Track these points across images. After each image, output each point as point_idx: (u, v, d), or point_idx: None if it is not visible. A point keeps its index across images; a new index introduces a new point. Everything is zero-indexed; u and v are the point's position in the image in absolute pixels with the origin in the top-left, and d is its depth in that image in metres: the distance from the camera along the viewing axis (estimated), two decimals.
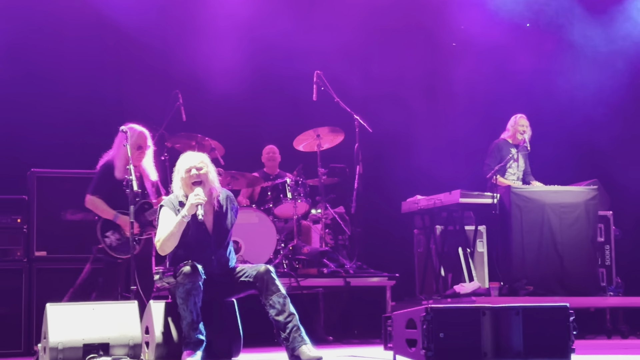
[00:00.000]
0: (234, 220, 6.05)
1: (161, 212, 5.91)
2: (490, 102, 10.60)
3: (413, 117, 10.52)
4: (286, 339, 5.66)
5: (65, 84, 9.39)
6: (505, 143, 9.20)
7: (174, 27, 9.93)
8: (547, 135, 9.96)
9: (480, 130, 10.25)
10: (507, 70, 10.57)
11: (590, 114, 10.47)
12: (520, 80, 10.51)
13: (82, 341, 5.65)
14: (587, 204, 8.64)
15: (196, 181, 5.86)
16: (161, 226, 5.84)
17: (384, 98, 10.48)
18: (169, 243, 5.76)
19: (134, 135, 6.92)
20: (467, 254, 9.16)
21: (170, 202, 5.91)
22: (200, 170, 5.88)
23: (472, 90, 10.67)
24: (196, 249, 5.85)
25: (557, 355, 4.57)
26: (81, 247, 7.53)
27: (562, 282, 8.49)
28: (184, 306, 5.65)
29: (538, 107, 10.14)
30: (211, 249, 5.89)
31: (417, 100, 10.59)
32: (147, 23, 9.64)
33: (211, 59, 9.87)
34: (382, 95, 10.49)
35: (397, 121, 10.28)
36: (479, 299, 8.10)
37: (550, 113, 10.35)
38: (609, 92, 10.38)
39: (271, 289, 5.73)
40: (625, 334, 8.64)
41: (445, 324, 4.41)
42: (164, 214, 5.87)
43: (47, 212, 7.54)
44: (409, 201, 9.38)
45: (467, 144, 10.53)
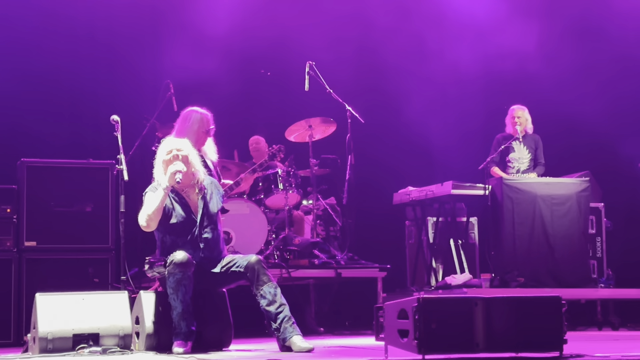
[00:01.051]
0: (220, 205, 6.04)
1: (145, 198, 5.89)
2: (483, 92, 10.59)
3: (405, 108, 10.50)
4: (277, 329, 5.65)
5: (57, 74, 9.35)
6: (505, 137, 9.18)
7: (165, 17, 9.89)
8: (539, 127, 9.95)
9: (473, 121, 10.25)
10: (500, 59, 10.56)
11: (582, 105, 10.47)
12: (513, 69, 10.50)
13: (71, 331, 5.63)
14: (579, 196, 8.64)
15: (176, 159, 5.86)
16: (145, 205, 5.83)
17: (377, 88, 10.46)
18: (154, 217, 5.75)
19: (202, 120, 6.86)
20: (458, 246, 9.16)
21: (154, 188, 5.90)
22: (180, 151, 5.88)
23: (464, 80, 10.66)
24: (183, 233, 5.84)
25: (549, 346, 4.56)
26: (71, 238, 7.49)
27: (553, 274, 8.49)
28: (174, 296, 5.64)
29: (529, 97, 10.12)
30: (198, 233, 5.87)
31: (410, 90, 10.57)
32: (138, 13, 9.61)
33: (202, 49, 9.85)
34: (374, 86, 10.47)
35: (389, 112, 10.26)
36: (470, 290, 8.10)
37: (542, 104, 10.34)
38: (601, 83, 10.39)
39: (262, 279, 5.73)
40: (615, 325, 8.65)
41: (438, 315, 4.40)
42: (148, 197, 5.85)
43: (37, 202, 7.49)
44: (400, 192, 9.37)
45: (460, 135, 10.52)
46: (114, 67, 9.65)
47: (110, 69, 9.63)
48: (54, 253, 7.46)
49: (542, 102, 10.33)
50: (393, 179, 9.98)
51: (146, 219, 5.77)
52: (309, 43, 9.96)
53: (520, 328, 4.52)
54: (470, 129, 10.44)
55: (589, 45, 10.58)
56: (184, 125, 6.93)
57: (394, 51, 10.60)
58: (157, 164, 5.95)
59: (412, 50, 10.69)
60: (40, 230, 7.46)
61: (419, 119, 10.65)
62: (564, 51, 10.58)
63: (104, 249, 7.57)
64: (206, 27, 9.85)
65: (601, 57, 10.44)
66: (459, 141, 10.55)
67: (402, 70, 10.59)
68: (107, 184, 7.62)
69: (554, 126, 10.44)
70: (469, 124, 10.47)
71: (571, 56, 10.49)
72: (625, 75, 10.41)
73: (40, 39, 9.33)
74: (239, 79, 10.02)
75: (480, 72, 10.68)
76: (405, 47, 10.65)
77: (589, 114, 10.43)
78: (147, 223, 5.78)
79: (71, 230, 7.50)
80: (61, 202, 7.53)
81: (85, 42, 9.53)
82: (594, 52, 10.52)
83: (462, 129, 10.55)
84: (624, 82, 10.44)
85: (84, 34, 9.55)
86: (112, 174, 7.55)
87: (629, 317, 9.02)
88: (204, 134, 6.88)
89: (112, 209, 7.58)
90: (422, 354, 4.33)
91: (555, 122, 10.45)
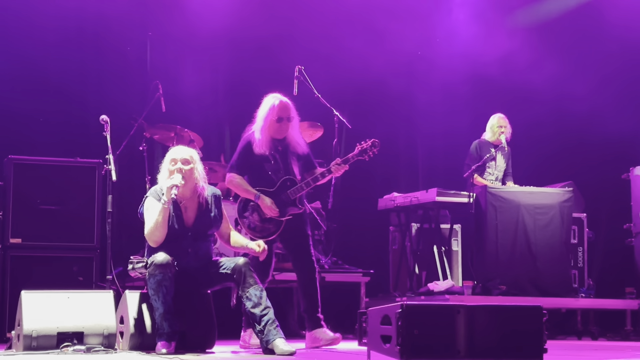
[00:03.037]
0: (219, 218, 6.04)
1: (146, 202, 5.92)
2: (469, 99, 10.64)
3: (392, 115, 10.55)
4: (261, 331, 5.69)
5: (45, 72, 9.34)
6: (485, 143, 9.24)
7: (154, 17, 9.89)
8: (523, 136, 10.02)
9: (459, 128, 10.30)
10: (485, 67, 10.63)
11: (566, 115, 10.55)
12: (497, 78, 10.56)
13: (56, 329, 5.64)
14: (562, 206, 8.72)
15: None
16: (147, 216, 5.85)
17: (364, 94, 10.49)
18: (157, 232, 5.78)
19: (273, 107, 6.46)
20: (441, 253, 9.21)
21: (155, 192, 5.93)
22: (186, 164, 5.89)
23: (451, 87, 10.71)
24: (172, 240, 5.85)
25: (529, 354, 4.61)
26: (57, 236, 7.50)
27: (534, 283, 8.55)
28: (155, 297, 5.67)
29: (514, 106, 10.19)
30: (187, 242, 5.90)
31: (396, 97, 10.62)
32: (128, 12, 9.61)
33: (191, 50, 9.87)
34: (362, 92, 10.50)
35: (377, 118, 10.30)
36: (453, 297, 8.16)
37: (526, 113, 10.41)
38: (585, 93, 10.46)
39: (248, 281, 5.77)
40: (595, 335, 8.73)
41: (420, 321, 4.44)
42: (149, 204, 5.89)
43: (24, 199, 7.49)
44: (385, 198, 9.43)
45: (446, 142, 10.57)
46: (103, 66, 9.63)
47: (99, 68, 9.61)
48: (39, 251, 7.46)
49: (527, 111, 10.40)
50: (378, 184, 10.03)
51: (149, 236, 5.79)
52: (298, 46, 9.98)
53: (502, 336, 4.57)
54: (456, 136, 10.50)
55: (575, 53, 10.65)
56: (259, 111, 6.54)
57: (381, 57, 10.63)
58: (163, 169, 5.96)
59: (399, 57, 10.73)
60: (25, 227, 7.45)
61: (405, 125, 10.71)
62: (549, 59, 10.64)
63: (89, 248, 7.57)
64: (195, 28, 9.87)
65: (586, 66, 10.51)
66: (444, 148, 10.60)
67: (389, 76, 10.62)
68: (94, 183, 7.62)
69: (538, 136, 10.53)
70: (454, 131, 10.52)
71: (556, 65, 10.56)
72: (609, 84, 10.49)
73: (29, 36, 9.31)
74: (226, 81, 10.04)
75: (466, 79, 10.73)
76: (391, 53, 10.69)
77: (573, 124, 10.51)
78: (150, 238, 5.80)
79: (57, 228, 7.50)
80: (47, 200, 7.52)
81: (74, 40, 9.52)
82: (579, 60, 10.59)
83: (448, 136, 10.60)
84: (608, 92, 10.51)
85: (73, 32, 9.53)
86: (99, 173, 7.56)
87: (609, 327, 9.09)
88: (275, 122, 6.45)
89: (98, 208, 7.58)
90: (404, 359, 4.38)
91: (539, 131, 10.52)
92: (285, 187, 6.48)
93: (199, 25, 9.87)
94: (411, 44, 10.78)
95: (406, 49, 10.75)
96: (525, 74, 10.54)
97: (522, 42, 10.62)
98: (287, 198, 6.47)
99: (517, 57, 10.50)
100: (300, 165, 6.59)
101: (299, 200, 6.51)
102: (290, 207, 6.48)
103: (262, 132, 6.47)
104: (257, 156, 6.47)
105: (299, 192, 6.48)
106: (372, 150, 6.61)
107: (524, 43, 10.62)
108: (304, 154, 6.63)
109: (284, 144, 6.53)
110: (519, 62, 10.53)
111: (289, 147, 6.55)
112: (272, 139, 6.47)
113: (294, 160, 6.56)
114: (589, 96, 10.44)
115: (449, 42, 10.75)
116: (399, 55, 10.64)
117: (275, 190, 6.47)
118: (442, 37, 10.80)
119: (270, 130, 6.46)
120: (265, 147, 6.44)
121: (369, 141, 6.63)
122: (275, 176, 6.45)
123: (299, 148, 6.59)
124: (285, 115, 6.48)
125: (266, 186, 6.45)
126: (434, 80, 10.66)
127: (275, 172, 6.45)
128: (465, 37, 10.63)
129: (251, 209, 6.49)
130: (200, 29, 9.87)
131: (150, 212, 5.84)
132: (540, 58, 10.65)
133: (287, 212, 6.47)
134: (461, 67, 10.68)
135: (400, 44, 10.67)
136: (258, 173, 6.50)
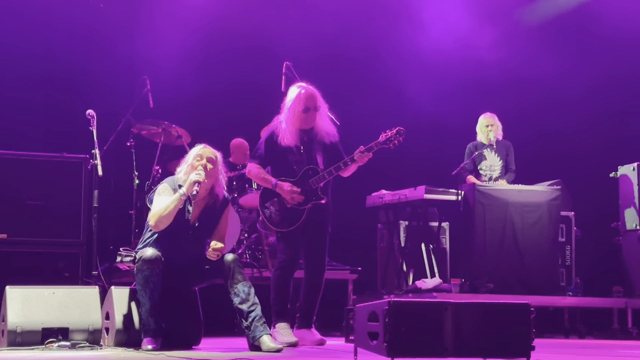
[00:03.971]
0: (224, 224, 5.99)
1: (160, 187, 5.86)
2: (459, 97, 10.64)
3: (380, 111, 10.53)
4: (248, 327, 5.67)
5: (31, 68, 9.30)
6: (476, 145, 9.24)
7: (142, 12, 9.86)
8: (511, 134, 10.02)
9: (448, 126, 10.30)
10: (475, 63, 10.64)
11: (556, 113, 10.57)
12: (489, 76, 10.57)
13: (41, 325, 5.62)
14: (550, 204, 8.72)
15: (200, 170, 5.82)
16: (157, 201, 5.79)
17: (352, 91, 10.48)
18: (163, 219, 5.73)
19: (299, 97, 6.28)
20: (429, 250, 9.21)
21: (172, 182, 5.90)
22: (211, 163, 5.85)
23: (439, 85, 10.71)
24: (171, 232, 5.80)
25: (517, 352, 4.59)
26: (42, 231, 7.45)
27: (522, 281, 8.56)
28: (142, 292, 5.64)
29: (503, 103, 10.19)
30: (186, 238, 5.87)
31: (385, 93, 10.61)
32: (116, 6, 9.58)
33: (180, 48, 9.83)
34: (349, 88, 10.49)
35: (365, 114, 10.29)
36: (440, 295, 8.15)
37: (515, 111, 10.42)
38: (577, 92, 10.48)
39: (237, 277, 5.75)
40: (582, 333, 8.74)
41: (408, 318, 4.42)
42: (162, 189, 5.84)
43: (9, 194, 7.43)
44: (373, 195, 9.42)
45: (434, 139, 10.57)
46: (90, 62, 9.59)
47: (86, 64, 9.57)
48: (25, 246, 7.40)
49: (516, 109, 10.40)
50: (367, 182, 10.00)
51: (156, 220, 5.73)
52: (287, 43, 9.97)
53: (489, 334, 4.55)
54: (445, 134, 10.50)
55: (567, 52, 10.67)
56: (286, 101, 6.39)
57: (370, 55, 10.64)
58: (184, 164, 5.91)
59: (387, 55, 10.73)
60: (11, 222, 7.38)
61: (393, 123, 10.67)
62: (540, 59, 10.66)
63: (75, 244, 7.51)
64: (183, 25, 9.84)
65: (579, 66, 10.53)
66: (433, 146, 10.60)
67: (378, 74, 10.62)
68: (80, 178, 7.56)
69: (527, 134, 10.53)
70: (443, 129, 10.52)
71: (547, 64, 10.57)
72: (601, 85, 10.51)
73: (15, 31, 9.26)
74: (215, 77, 10.01)
75: (456, 77, 10.74)
76: (381, 51, 10.69)
77: (562, 123, 10.53)
78: (155, 223, 5.74)
79: (43, 223, 7.43)
80: (33, 195, 7.46)
81: (61, 34, 9.48)
82: (571, 59, 10.61)
83: (436, 133, 10.60)
84: (599, 93, 10.53)
85: (61, 26, 9.50)
86: (85, 168, 7.50)
87: (596, 325, 9.11)
88: (302, 112, 6.27)
89: (84, 203, 7.53)
90: (392, 356, 4.35)
91: (528, 130, 10.53)
92: (307, 177, 6.30)
93: (188, 21, 9.84)
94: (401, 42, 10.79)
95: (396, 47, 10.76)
96: (516, 72, 10.55)
97: (515, 39, 10.64)
98: (309, 187, 6.29)
99: (508, 54, 10.52)
100: (326, 155, 6.40)
101: (321, 190, 6.31)
102: (313, 196, 6.30)
103: (289, 123, 6.30)
104: (281, 147, 6.30)
105: (321, 181, 6.27)
106: (397, 139, 6.41)
107: (516, 40, 10.64)
108: (332, 143, 6.44)
109: (311, 134, 6.37)
110: (510, 59, 10.55)
111: (316, 137, 6.38)
112: (299, 129, 6.31)
113: (318, 151, 6.38)
114: (578, 94, 10.47)
115: (441, 40, 10.73)
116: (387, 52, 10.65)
117: (297, 180, 6.30)
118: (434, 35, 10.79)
119: (297, 121, 6.29)
120: (290, 138, 6.27)
121: (394, 129, 6.44)
122: (298, 167, 6.29)
123: (327, 138, 6.41)
124: (312, 105, 6.31)
125: (288, 177, 6.29)
126: (422, 77, 10.66)
127: (299, 163, 6.29)
128: (457, 29, 10.62)
129: (271, 200, 6.34)
130: (189, 25, 9.84)
131: (162, 197, 5.79)
132: (532, 56, 10.67)
133: (309, 202, 6.29)
134: (452, 64, 10.68)
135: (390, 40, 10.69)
136: (281, 164, 6.33)
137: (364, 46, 10.62)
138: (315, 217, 6.32)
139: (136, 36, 9.80)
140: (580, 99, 10.50)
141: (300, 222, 6.28)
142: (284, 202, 6.29)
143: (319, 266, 6.44)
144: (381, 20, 10.83)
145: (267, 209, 6.36)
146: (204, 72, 9.97)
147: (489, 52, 10.46)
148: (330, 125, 6.48)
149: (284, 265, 6.39)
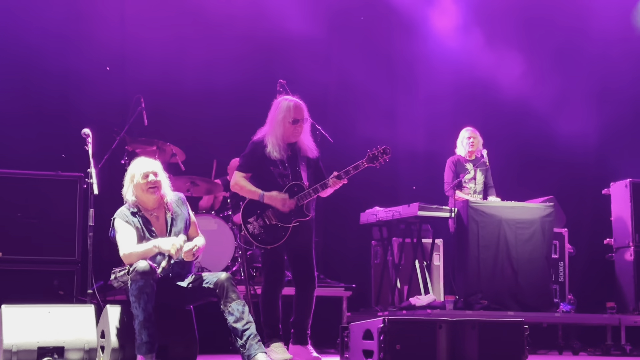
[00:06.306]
0: (190, 218, 6.00)
1: (115, 224, 5.85)
2: (452, 114, 10.68)
3: (374, 129, 10.56)
4: (243, 346, 5.66)
5: (27, 85, 9.32)
6: (458, 159, 9.29)
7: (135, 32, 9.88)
8: (503, 151, 10.07)
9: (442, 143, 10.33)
10: (468, 80, 10.68)
11: (548, 130, 10.61)
12: (481, 92, 10.61)
13: (36, 344, 5.62)
14: (543, 221, 8.74)
15: (152, 187, 5.84)
16: (120, 240, 5.79)
17: (345, 108, 10.52)
18: (135, 260, 5.72)
19: (289, 109, 6.26)
20: (423, 267, 9.23)
21: (122, 214, 5.87)
22: (157, 176, 5.88)
23: (433, 102, 10.75)
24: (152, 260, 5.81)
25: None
26: (37, 249, 7.45)
27: (516, 297, 8.57)
28: (136, 304, 5.60)
29: (496, 121, 10.24)
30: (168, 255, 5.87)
31: (379, 112, 10.64)
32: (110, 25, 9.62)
33: (172, 64, 9.87)
34: (342, 105, 10.53)
35: (358, 131, 10.32)
36: (434, 311, 8.16)
37: (506, 128, 10.47)
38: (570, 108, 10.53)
39: (231, 296, 5.74)
40: (576, 350, 8.75)
41: (402, 336, 4.45)
42: (119, 226, 5.82)
43: (4, 212, 7.44)
44: (367, 212, 9.44)
45: (428, 156, 10.60)
46: (84, 80, 9.60)
47: (79, 81, 9.59)
48: (20, 264, 7.41)
49: (508, 125, 10.45)
50: (360, 199, 10.03)
51: (128, 258, 5.72)
52: (285, 59, 10.01)
53: (483, 351, 4.58)
54: (439, 151, 10.53)
55: (562, 70, 10.73)
56: (272, 114, 6.35)
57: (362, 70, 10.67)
58: (128, 185, 5.92)
59: (380, 70, 10.77)
60: (6, 241, 7.40)
61: (386, 140, 10.68)
62: (533, 75, 10.71)
63: (70, 262, 7.51)
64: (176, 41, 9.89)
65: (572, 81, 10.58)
66: (426, 162, 10.63)
67: (370, 89, 10.65)
68: (75, 196, 7.57)
69: (520, 150, 10.57)
70: (437, 145, 10.55)
71: (539, 81, 10.62)
72: (594, 101, 10.56)
73: (9, 48, 9.29)
74: (209, 95, 10.03)
75: (449, 93, 10.78)
76: (374, 66, 10.73)
77: (555, 139, 10.57)
78: (128, 261, 5.73)
79: (37, 241, 7.45)
80: (28, 214, 7.47)
81: (55, 52, 9.50)
82: (565, 76, 10.67)
83: (430, 150, 10.62)
84: (593, 108, 10.59)
85: (55, 43, 9.51)
86: (80, 186, 7.52)
87: (590, 342, 9.12)
88: (290, 124, 6.25)
89: (79, 221, 7.54)
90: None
91: (520, 146, 10.57)
92: (292, 193, 6.27)
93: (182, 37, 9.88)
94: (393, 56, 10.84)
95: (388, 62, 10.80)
96: (509, 89, 10.60)
97: (507, 57, 10.69)
98: (295, 204, 6.27)
99: (501, 71, 10.57)
100: (309, 171, 6.40)
101: (306, 207, 6.30)
102: (298, 213, 6.27)
103: (276, 135, 6.29)
104: (266, 159, 6.29)
105: (306, 199, 6.26)
106: (382, 158, 6.35)
107: (508, 58, 10.70)
108: (314, 158, 6.45)
109: (295, 148, 6.36)
110: (502, 77, 10.60)
111: (299, 151, 6.38)
112: (284, 142, 6.30)
113: (303, 166, 6.37)
114: (572, 112, 10.51)
115: (434, 55, 10.79)
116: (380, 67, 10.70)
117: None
118: (427, 50, 10.84)
119: (285, 133, 6.28)
120: (276, 150, 6.25)
121: (380, 147, 6.38)
122: (282, 180, 6.27)
123: (310, 152, 6.41)
124: (301, 117, 6.31)
125: (273, 190, 6.26)
126: (415, 94, 10.70)
127: (283, 177, 6.27)
128: (449, 48, 10.67)
129: (256, 215, 6.30)
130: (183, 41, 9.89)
131: (123, 235, 5.79)
132: (524, 74, 10.72)
133: (294, 219, 6.26)
134: (443, 81, 10.72)
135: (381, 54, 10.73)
136: (265, 177, 6.30)
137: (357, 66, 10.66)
138: (299, 232, 6.31)
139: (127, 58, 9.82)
140: (571, 116, 10.55)
141: (284, 239, 6.26)
142: (267, 218, 6.27)
143: (308, 279, 6.40)
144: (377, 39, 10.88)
145: (250, 224, 6.31)
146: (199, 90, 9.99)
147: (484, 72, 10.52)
148: (311, 140, 6.49)
149: (270, 282, 6.38)
